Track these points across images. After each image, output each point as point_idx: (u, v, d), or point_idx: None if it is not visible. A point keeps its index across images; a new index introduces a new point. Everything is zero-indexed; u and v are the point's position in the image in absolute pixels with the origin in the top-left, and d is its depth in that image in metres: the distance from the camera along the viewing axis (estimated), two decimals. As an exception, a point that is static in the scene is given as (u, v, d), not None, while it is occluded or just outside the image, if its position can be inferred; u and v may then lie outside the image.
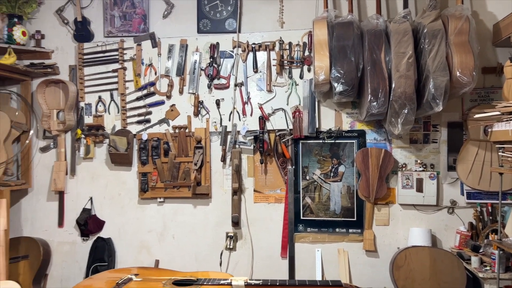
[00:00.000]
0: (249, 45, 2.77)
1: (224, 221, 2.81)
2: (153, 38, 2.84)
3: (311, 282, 1.44)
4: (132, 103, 2.88)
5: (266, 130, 2.73)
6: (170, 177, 2.82)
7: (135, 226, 2.89)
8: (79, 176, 2.96)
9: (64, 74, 2.96)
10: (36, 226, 2.98)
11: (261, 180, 2.79)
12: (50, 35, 2.97)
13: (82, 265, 2.89)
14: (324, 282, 1.64)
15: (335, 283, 1.39)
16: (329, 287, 1.40)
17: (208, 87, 2.81)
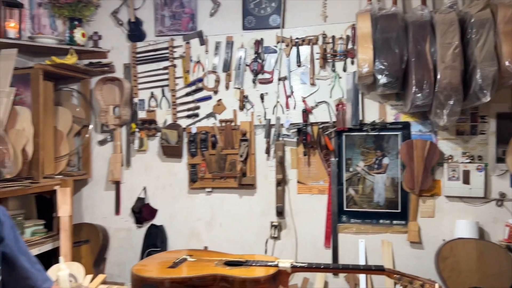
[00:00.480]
0: (293, 40, 2.84)
1: (268, 211, 2.91)
2: (200, 36, 2.98)
3: (354, 266, 1.50)
4: (181, 98, 3.04)
5: (309, 123, 2.80)
6: (218, 168, 2.95)
7: (185, 215, 3.06)
8: (133, 167, 3.17)
9: (119, 72, 3.17)
10: (96, 213, 3.22)
11: (305, 172, 2.86)
12: (106, 35, 3.19)
13: (137, 250, 3.10)
14: (367, 266, 1.69)
15: (377, 267, 1.45)
16: (371, 271, 1.44)
17: (253, 82, 2.91)
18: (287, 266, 1.49)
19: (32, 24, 3.08)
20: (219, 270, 1.46)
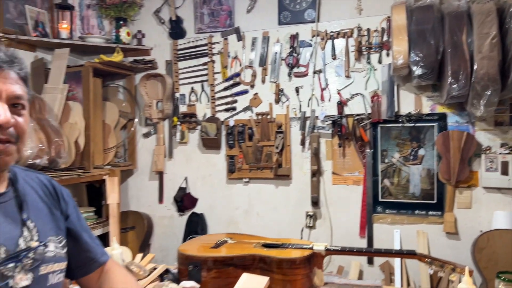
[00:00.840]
0: (328, 34, 2.89)
1: (303, 201, 2.99)
2: (238, 32, 3.09)
3: (386, 250, 1.56)
4: (220, 92, 3.17)
5: (344, 115, 2.85)
6: (254, 160, 3.07)
7: (224, 204, 3.20)
8: (175, 159, 3.34)
9: (162, 68, 3.33)
10: (141, 202, 3.43)
11: (340, 163, 2.92)
12: (149, 34, 3.37)
13: (179, 237, 3.28)
14: (399, 250, 1.74)
15: (409, 251, 1.51)
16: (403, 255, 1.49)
17: (288, 76, 2.99)
18: (321, 249, 1.57)
19: (81, 25, 3.31)
20: (258, 251, 1.57)
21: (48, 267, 0.93)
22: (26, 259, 0.88)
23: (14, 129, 0.87)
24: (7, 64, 0.87)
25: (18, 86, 0.89)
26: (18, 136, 0.88)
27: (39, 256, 0.91)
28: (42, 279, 0.91)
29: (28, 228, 0.92)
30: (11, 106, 0.88)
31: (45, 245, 0.94)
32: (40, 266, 0.91)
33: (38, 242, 0.92)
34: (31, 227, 0.93)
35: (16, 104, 0.89)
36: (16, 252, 0.87)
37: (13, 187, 0.95)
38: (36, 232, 0.93)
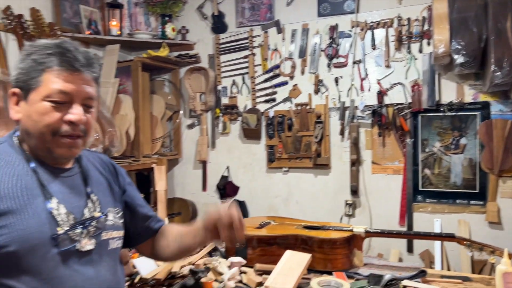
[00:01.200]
0: (367, 24, 2.92)
1: (343, 190, 3.05)
2: (278, 25, 3.18)
3: (425, 233, 1.61)
4: (260, 84, 3.27)
5: (384, 104, 2.87)
6: (294, 149, 3.15)
7: (264, 192, 3.31)
8: (218, 148, 3.48)
9: (205, 62, 3.48)
10: (186, 189, 3.60)
11: (379, 153, 2.95)
12: (192, 29, 3.51)
13: (222, 223, 3.42)
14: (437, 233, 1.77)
15: (448, 234, 1.55)
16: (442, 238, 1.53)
17: (328, 66, 3.04)
18: (361, 231, 1.65)
19: (130, 22, 3.50)
20: (300, 232, 1.66)
21: (108, 234, 1.06)
22: (90, 226, 1.01)
23: (83, 125, 0.99)
24: (85, 67, 0.98)
25: (92, 88, 1.00)
26: (86, 131, 1.01)
27: (101, 224, 1.04)
28: (103, 244, 1.04)
29: (92, 200, 1.05)
30: (84, 105, 0.99)
31: (106, 215, 1.07)
32: (102, 233, 1.04)
33: (100, 213, 1.05)
34: (94, 200, 1.05)
35: (88, 103, 1.00)
36: (82, 220, 0.99)
37: (78, 164, 1.09)
38: (98, 204, 1.06)
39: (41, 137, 0.96)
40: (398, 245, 2.88)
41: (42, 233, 0.92)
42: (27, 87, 0.96)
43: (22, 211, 0.91)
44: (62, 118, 0.96)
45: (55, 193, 0.98)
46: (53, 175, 1.00)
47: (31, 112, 0.96)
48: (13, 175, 0.94)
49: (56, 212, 0.95)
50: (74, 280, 0.95)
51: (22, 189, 0.93)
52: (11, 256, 0.88)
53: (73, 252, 0.96)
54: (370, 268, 1.64)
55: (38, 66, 0.96)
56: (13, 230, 0.89)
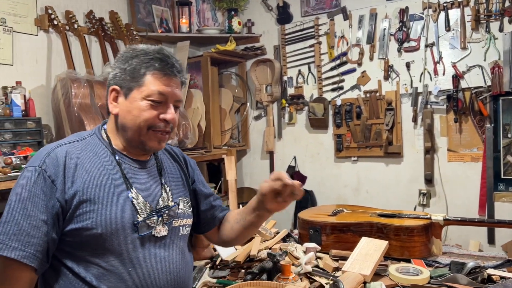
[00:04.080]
0: (441, 5, 2.77)
1: (416, 178, 2.95)
2: (344, 12, 3.12)
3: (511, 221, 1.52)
4: (326, 73, 3.25)
5: (460, 89, 2.72)
6: (363, 138, 3.10)
7: (332, 181, 3.30)
8: (284, 139, 3.52)
9: (270, 54, 3.52)
10: (254, 179, 3.69)
11: (455, 139, 2.81)
12: (258, 21, 3.56)
13: (290, 212, 3.47)
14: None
15: (538, 224, 1.45)
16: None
17: (398, 51, 2.94)
18: (439, 219, 1.60)
19: (198, 19, 3.64)
20: (375, 219, 1.65)
21: (179, 221, 1.16)
22: (164, 215, 1.12)
23: (172, 123, 1.11)
24: (179, 73, 1.11)
25: (181, 92, 1.13)
26: (173, 128, 1.13)
27: (173, 213, 1.14)
28: (175, 230, 1.15)
29: (166, 190, 1.15)
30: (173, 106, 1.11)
31: (177, 204, 1.17)
32: (173, 221, 1.14)
33: (173, 202, 1.16)
34: (168, 190, 1.16)
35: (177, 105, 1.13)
36: (158, 209, 1.10)
37: (154, 156, 1.19)
38: (171, 194, 1.16)
39: (138, 130, 1.07)
40: (478, 236, 2.73)
41: (123, 219, 1.03)
42: (129, 86, 1.08)
43: (107, 198, 1.03)
44: (158, 115, 1.07)
45: (135, 183, 1.09)
46: (134, 167, 1.12)
47: (131, 108, 1.07)
48: (100, 165, 1.06)
49: (135, 201, 1.07)
50: (149, 261, 1.06)
51: (108, 178, 1.05)
52: (97, 237, 1.00)
53: (149, 237, 1.08)
54: (450, 256, 1.59)
55: (142, 68, 1.07)
56: (99, 215, 1.00)
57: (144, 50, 1.09)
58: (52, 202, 0.98)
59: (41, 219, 0.96)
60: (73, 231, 0.99)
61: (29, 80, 2.57)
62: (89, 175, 1.03)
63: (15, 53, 2.53)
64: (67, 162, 1.02)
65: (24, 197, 0.97)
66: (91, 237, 0.99)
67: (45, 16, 2.63)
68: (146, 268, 1.05)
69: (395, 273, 1.33)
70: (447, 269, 1.38)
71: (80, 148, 1.07)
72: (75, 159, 1.03)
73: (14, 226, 0.95)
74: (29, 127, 2.40)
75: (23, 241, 0.94)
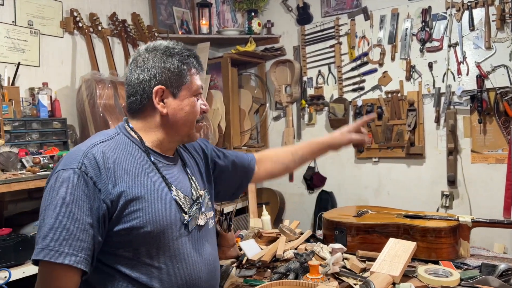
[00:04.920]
0: (464, 4, 2.74)
1: (438, 180, 2.91)
2: (365, 12, 3.11)
3: (542, 224, 1.50)
4: (347, 73, 3.23)
5: (484, 89, 2.68)
6: (384, 139, 3.07)
7: (353, 182, 3.28)
8: (303, 139, 3.51)
9: (290, 54, 3.52)
10: (273, 180, 3.69)
11: (479, 140, 2.77)
12: (277, 22, 3.57)
13: (310, 213, 3.46)
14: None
15: None
16: None
17: (420, 51, 2.91)
18: (467, 221, 1.57)
19: (218, 20, 3.66)
20: (401, 220, 1.63)
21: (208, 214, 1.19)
22: (200, 204, 1.15)
23: None
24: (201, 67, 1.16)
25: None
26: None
27: (203, 201, 1.17)
28: (207, 222, 1.18)
29: (193, 181, 1.18)
30: None
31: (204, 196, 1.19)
32: (203, 209, 1.17)
33: (203, 191, 1.19)
34: (194, 180, 1.19)
35: None
36: (194, 199, 1.13)
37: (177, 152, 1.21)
38: (196, 184, 1.19)
39: (191, 125, 1.13)
40: (502, 239, 2.68)
41: (169, 216, 1.05)
42: (178, 85, 1.09)
43: (150, 196, 1.03)
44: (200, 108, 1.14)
45: (172, 180, 1.10)
46: (166, 164, 1.13)
47: (183, 106, 1.10)
48: (136, 164, 1.05)
49: (178, 199, 1.09)
50: (193, 255, 1.08)
51: (146, 176, 1.05)
52: (146, 236, 1.00)
53: (193, 231, 1.10)
54: (478, 259, 1.56)
55: (185, 66, 1.10)
56: (146, 213, 1.00)
57: (176, 48, 1.11)
58: (97, 204, 0.96)
59: (88, 222, 0.94)
60: (122, 231, 0.99)
61: (55, 81, 2.63)
62: (129, 174, 1.02)
63: (41, 55, 2.59)
64: (105, 162, 1.00)
65: (69, 200, 0.94)
66: (140, 236, 0.99)
67: (70, 18, 2.69)
68: (191, 262, 1.07)
69: (424, 275, 1.32)
70: (477, 271, 1.36)
71: (113, 147, 1.05)
72: (111, 158, 1.02)
73: (64, 231, 0.92)
74: (55, 127, 2.45)
75: (75, 246, 0.92)
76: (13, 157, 2.00)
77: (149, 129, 1.11)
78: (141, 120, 1.12)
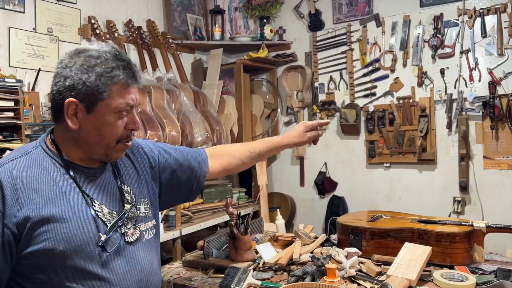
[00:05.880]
0: (476, 11, 2.75)
1: (450, 186, 2.92)
2: (377, 19, 3.14)
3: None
4: (359, 79, 3.26)
5: (497, 95, 2.69)
6: (396, 144, 3.09)
7: (364, 188, 3.29)
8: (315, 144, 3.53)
9: (301, 60, 3.55)
10: (284, 184, 3.72)
11: (492, 146, 2.77)
12: (289, 29, 3.61)
13: (321, 218, 3.48)
14: None
15: None
16: None
17: (432, 58, 2.93)
18: (482, 226, 1.59)
19: (230, 26, 3.71)
20: (415, 225, 1.65)
21: (141, 225, 1.11)
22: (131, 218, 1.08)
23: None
24: (139, 78, 1.05)
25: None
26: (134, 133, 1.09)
27: (136, 213, 1.10)
28: (144, 233, 1.11)
29: (128, 192, 1.10)
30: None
31: (138, 208, 1.11)
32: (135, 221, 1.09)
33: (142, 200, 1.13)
34: (128, 190, 1.11)
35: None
36: (121, 215, 1.05)
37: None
38: (132, 194, 1.11)
39: (106, 145, 1.02)
40: (516, 246, 2.68)
41: (84, 235, 0.97)
42: (92, 100, 0.97)
43: (62, 215, 0.95)
44: (123, 126, 1.02)
45: (93, 195, 1.03)
46: (88, 177, 1.04)
47: (98, 124, 0.99)
48: (50, 181, 0.97)
49: (101, 214, 1.01)
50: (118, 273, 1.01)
51: (60, 194, 0.97)
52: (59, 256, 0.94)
53: (120, 247, 1.03)
54: (493, 264, 1.57)
55: (105, 80, 0.97)
56: (56, 234, 0.93)
57: (102, 57, 0.98)
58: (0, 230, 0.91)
59: None
60: (32, 253, 0.93)
61: (73, 86, 2.69)
62: (39, 194, 0.95)
63: (60, 61, 2.65)
64: (13, 183, 0.93)
65: None
66: (54, 258, 0.93)
67: (88, 25, 2.75)
68: (116, 280, 1.00)
69: (440, 279, 1.33)
70: (492, 276, 1.38)
71: (25, 164, 0.97)
72: (21, 178, 0.95)
73: None
74: (73, 131, 2.50)
75: None
76: (34, 160, 2.05)
77: (65, 142, 1.03)
78: (59, 131, 1.04)
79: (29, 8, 2.50)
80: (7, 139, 2.08)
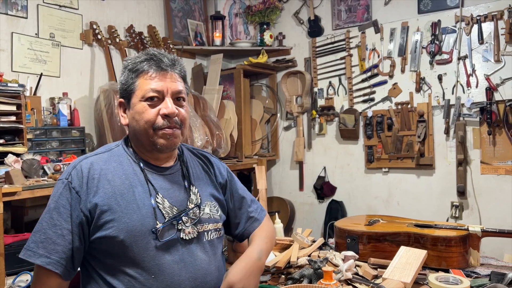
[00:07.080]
0: (473, 18, 2.79)
1: (448, 191, 2.94)
2: (375, 25, 3.17)
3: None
4: (357, 85, 3.29)
5: (494, 101, 2.72)
6: (394, 149, 3.11)
7: (363, 192, 3.31)
8: (314, 149, 3.57)
9: (301, 66, 3.59)
10: (283, 189, 3.74)
11: (489, 152, 2.80)
12: (289, 34, 3.65)
13: (319, 222, 3.50)
14: None
15: None
16: None
17: (430, 64, 2.96)
18: (477, 230, 1.61)
19: (231, 32, 3.75)
20: (412, 229, 1.67)
21: (203, 226, 1.15)
22: (191, 217, 1.12)
23: (178, 118, 1.11)
24: (170, 67, 1.11)
25: (179, 83, 1.13)
26: (181, 122, 1.12)
27: (195, 216, 1.13)
28: (200, 235, 1.14)
29: (194, 193, 1.16)
30: (175, 99, 1.12)
31: (202, 209, 1.16)
32: (198, 225, 1.14)
33: (198, 205, 1.15)
34: (195, 192, 1.17)
35: (178, 97, 1.13)
36: (181, 211, 1.11)
37: (179, 161, 1.21)
38: (199, 196, 1.17)
39: (145, 133, 1.09)
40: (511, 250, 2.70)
41: (143, 226, 1.05)
42: (128, 95, 1.12)
43: (128, 206, 1.05)
44: (158, 113, 1.09)
45: (159, 189, 1.11)
46: (157, 173, 1.14)
47: (134, 114, 1.11)
48: (122, 175, 1.09)
49: (161, 206, 1.09)
50: (172, 267, 1.06)
51: (128, 187, 1.08)
52: (120, 245, 1.03)
53: (174, 241, 1.08)
54: (488, 268, 1.59)
55: (133, 74, 1.11)
56: (120, 223, 1.03)
57: (134, 57, 1.14)
58: (77, 212, 1.03)
59: (66, 228, 1.02)
60: (99, 239, 1.03)
61: (74, 91, 2.73)
62: (111, 184, 1.06)
63: (62, 66, 2.68)
64: (91, 173, 1.06)
65: (52, 207, 1.04)
66: (115, 245, 1.02)
67: (90, 31, 2.79)
68: (169, 275, 1.05)
69: (435, 282, 1.35)
70: (487, 279, 1.40)
71: (105, 159, 1.11)
72: (98, 169, 1.08)
73: (42, 235, 1.02)
74: (73, 135, 2.53)
75: (49, 249, 1.01)
76: (36, 164, 2.08)
77: (131, 139, 1.17)
78: (128, 131, 1.18)
79: (32, 13, 2.54)
80: (9, 142, 2.11)
